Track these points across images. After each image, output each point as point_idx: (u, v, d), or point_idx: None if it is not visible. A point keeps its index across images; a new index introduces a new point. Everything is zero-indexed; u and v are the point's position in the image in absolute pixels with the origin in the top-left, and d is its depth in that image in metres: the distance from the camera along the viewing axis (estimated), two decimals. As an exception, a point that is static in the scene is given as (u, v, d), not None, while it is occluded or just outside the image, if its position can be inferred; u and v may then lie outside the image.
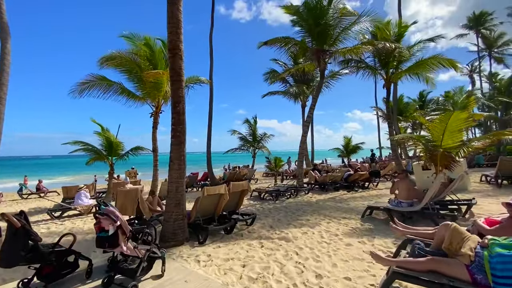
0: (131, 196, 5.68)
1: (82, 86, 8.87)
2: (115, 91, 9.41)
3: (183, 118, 5.03)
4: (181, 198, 4.91)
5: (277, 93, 19.56)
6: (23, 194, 14.71)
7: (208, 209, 5.39)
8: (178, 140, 4.94)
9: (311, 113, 10.56)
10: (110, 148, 11.25)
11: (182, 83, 5.05)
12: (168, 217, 4.79)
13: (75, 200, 8.73)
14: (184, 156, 5.03)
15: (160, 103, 9.81)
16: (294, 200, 8.92)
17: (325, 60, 10.29)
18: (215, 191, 5.14)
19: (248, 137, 20.27)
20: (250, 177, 16.21)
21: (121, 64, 8.67)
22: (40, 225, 7.23)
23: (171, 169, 4.93)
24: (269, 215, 6.74)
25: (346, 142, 20.78)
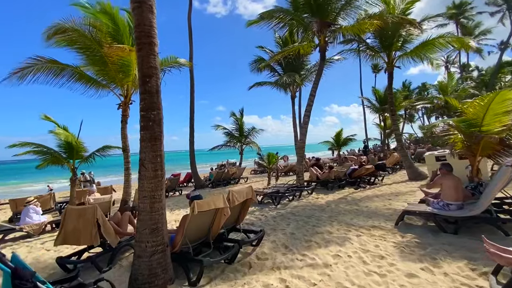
0: (87, 218, 3.94)
1: (24, 71, 6.80)
2: (69, 77, 7.40)
3: (158, 99, 3.38)
4: (159, 219, 3.28)
5: (265, 84, 18.00)
6: (-35, 209, 12.13)
7: (200, 230, 3.81)
8: (151, 132, 3.28)
9: (312, 101, 9.17)
10: (70, 149, 9.22)
11: (154, 48, 3.38)
12: (142, 251, 3.16)
13: (22, 217, 6.76)
14: (162, 157, 3.40)
15: (130, 92, 7.94)
16: (299, 203, 7.52)
17: (326, 39, 8.93)
18: (210, 206, 3.56)
19: (235, 132, 18.64)
20: (239, 176, 14.65)
21: (74, 40, 6.69)
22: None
23: (142, 177, 3.29)
24: (276, 228, 5.27)
25: (337, 134, 19.78)
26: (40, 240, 6.11)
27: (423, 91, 35.55)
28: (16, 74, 6.65)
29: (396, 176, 11.25)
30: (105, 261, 4.12)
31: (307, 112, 9.23)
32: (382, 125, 23.44)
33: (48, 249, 5.36)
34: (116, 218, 4.80)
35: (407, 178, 10.20)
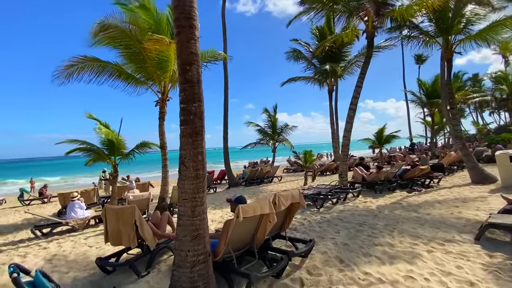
0: (125, 219, 3.74)
1: (69, 70, 7.01)
2: (110, 75, 7.51)
3: (199, 90, 2.99)
4: (201, 225, 2.91)
5: (299, 79, 17.22)
6: (24, 200, 13.35)
7: (244, 238, 3.38)
8: (192, 126, 2.91)
9: (358, 93, 8.29)
10: (111, 146, 9.50)
11: (195, 32, 3.00)
12: (182, 260, 2.81)
13: (68, 211, 7.00)
14: (204, 155, 3.01)
15: (167, 88, 7.84)
16: (344, 206, 6.79)
17: (374, 23, 7.97)
18: (255, 211, 3.10)
19: (267, 130, 18.16)
20: (273, 175, 14.15)
21: (115, 37, 6.70)
22: (20, 249, 5.51)
23: (182, 177, 2.93)
24: (325, 236, 4.66)
25: (379, 131, 18.26)
26: (83, 235, 6.23)
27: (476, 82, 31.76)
28: (63, 73, 6.88)
29: (455, 178, 9.84)
30: (143, 264, 3.91)
31: (352, 105, 8.37)
32: (429, 121, 21.27)
33: (90, 245, 5.38)
34: (155, 217, 4.60)
35: (470, 181, 8.82)
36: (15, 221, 8.91)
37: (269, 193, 10.19)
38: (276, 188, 11.39)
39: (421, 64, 33.69)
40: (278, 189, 11.19)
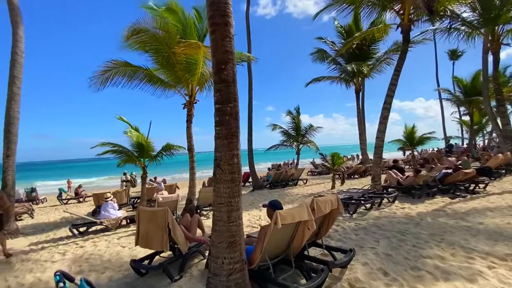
0: (158, 222, 3.71)
1: (103, 75, 7.31)
2: (141, 79, 7.73)
3: (235, 90, 2.88)
4: (237, 231, 2.77)
5: (324, 79, 16.73)
6: (62, 199, 14.23)
7: (280, 246, 3.19)
8: (227, 128, 2.80)
9: (392, 91, 7.77)
10: (141, 149, 9.80)
11: (230, 29, 2.89)
12: (218, 268, 2.69)
13: (101, 211, 7.25)
14: (239, 157, 2.88)
15: (195, 91, 7.90)
16: (380, 213, 6.35)
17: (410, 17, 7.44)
18: (293, 218, 2.90)
19: (291, 131, 17.84)
20: (298, 178, 13.81)
21: (146, 41, 6.88)
22: (59, 246, 5.77)
23: (218, 180, 2.82)
24: (363, 245, 4.33)
25: (409, 132, 17.19)
26: (116, 235, 6.40)
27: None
28: (99, 79, 7.18)
29: (505, 184, 8.88)
30: (175, 268, 3.85)
31: (386, 104, 7.87)
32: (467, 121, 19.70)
33: (123, 245, 5.49)
34: (185, 220, 4.56)
35: (523, 187, 7.92)
36: (55, 219, 9.46)
37: (295, 197, 9.91)
38: (302, 192, 11.06)
39: (455, 60, 31.46)
40: (304, 192, 10.86)
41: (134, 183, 15.82)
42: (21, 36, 7.12)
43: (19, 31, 7.08)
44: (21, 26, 7.15)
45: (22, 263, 4.85)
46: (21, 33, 7.12)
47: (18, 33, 7.06)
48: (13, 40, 7.03)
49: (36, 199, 14.78)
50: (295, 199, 9.31)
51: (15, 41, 7.02)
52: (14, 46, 7.01)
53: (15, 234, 6.85)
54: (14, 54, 7.00)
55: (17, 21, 7.10)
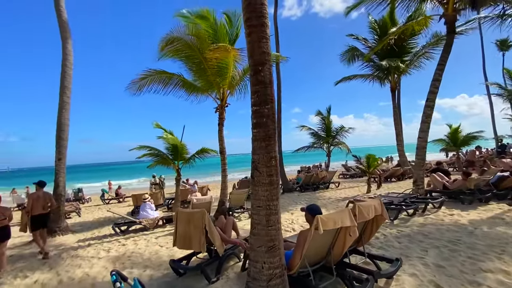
0: (196, 223, 3.78)
1: (140, 82, 7.73)
2: (175, 85, 8.05)
3: (271, 91, 2.83)
4: (276, 236, 2.70)
5: (355, 77, 16.06)
6: (105, 199, 15.32)
7: (319, 252, 3.06)
8: (265, 130, 2.75)
9: (436, 87, 7.16)
10: (175, 152, 10.21)
11: (266, 30, 2.85)
12: (257, 272, 2.64)
13: (140, 212, 7.63)
14: (277, 159, 2.82)
15: (226, 94, 8.03)
16: (425, 219, 5.85)
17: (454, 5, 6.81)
18: (335, 224, 2.75)
19: (321, 132, 17.37)
20: (329, 181, 13.37)
21: (180, 49, 7.16)
22: (104, 244, 6.17)
23: (256, 182, 2.78)
24: (409, 254, 4.00)
25: (453, 131, 15.78)
26: (154, 234, 6.67)
27: None
28: (136, 85, 7.62)
29: None
30: (211, 269, 3.88)
31: (429, 102, 7.27)
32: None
33: (161, 245, 5.70)
34: (220, 222, 4.60)
35: None
36: (98, 218, 10.19)
37: (328, 201, 9.57)
38: (335, 195, 10.67)
39: (506, 51, 28.33)
40: (337, 196, 10.46)
41: (162, 185, 16.52)
42: (70, 50, 7.82)
43: (68, 45, 7.78)
44: (70, 41, 7.85)
45: (71, 258, 5.24)
46: (70, 47, 7.81)
47: (67, 47, 7.76)
48: (63, 54, 7.74)
49: (82, 199, 16.10)
50: (328, 203, 8.99)
51: (64, 54, 7.72)
52: (64, 59, 7.71)
53: (65, 231, 7.47)
54: (64, 66, 7.70)
55: (66, 36, 7.81)
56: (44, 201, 5.80)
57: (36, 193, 5.86)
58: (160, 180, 16.50)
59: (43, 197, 5.81)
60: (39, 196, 5.79)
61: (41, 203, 5.74)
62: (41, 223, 5.79)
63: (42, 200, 5.77)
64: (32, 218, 5.68)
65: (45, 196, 5.87)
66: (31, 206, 5.66)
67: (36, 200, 5.72)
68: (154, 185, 16.10)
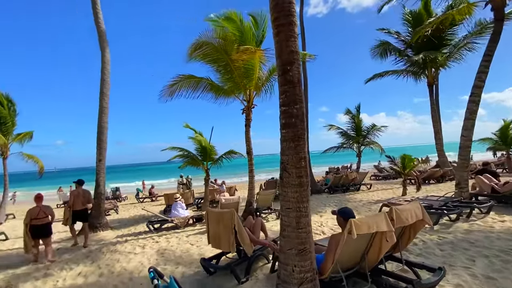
0: (225, 223, 3.83)
1: (171, 88, 8.07)
2: (204, 88, 8.28)
3: (300, 91, 2.77)
4: (307, 239, 2.63)
5: (387, 74, 15.23)
6: (139, 198, 16.23)
7: (353, 257, 2.92)
8: (294, 130, 2.70)
9: (482, 80, 6.50)
10: (204, 153, 10.50)
11: (294, 29, 2.80)
12: (288, 275, 2.59)
13: (172, 211, 7.95)
14: (306, 160, 2.75)
15: (252, 96, 8.07)
16: (470, 225, 5.34)
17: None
18: (370, 228, 2.61)
19: (350, 132, 16.74)
20: (360, 182, 12.81)
21: (208, 53, 7.35)
22: (139, 240, 6.52)
23: (285, 184, 2.74)
24: (453, 263, 3.67)
25: (503, 129, 14.28)
26: (185, 233, 6.90)
27: None
28: (168, 91, 7.96)
29: None
30: (240, 269, 3.90)
31: (474, 97, 6.62)
32: None
33: (192, 243, 5.87)
34: (249, 223, 4.61)
35: None
36: (134, 215, 10.81)
37: (359, 203, 9.17)
38: (366, 198, 10.20)
39: None
40: (369, 198, 9.99)
41: (189, 185, 17.09)
42: (108, 58, 8.41)
43: (106, 54, 8.37)
44: (107, 50, 8.45)
45: (111, 253, 5.61)
46: (108, 56, 8.40)
47: (105, 56, 8.36)
48: (101, 62, 8.35)
49: (119, 197, 17.21)
50: (359, 206, 8.62)
51: (103, 63, 8.32)
52: (103, 67, 8.31)
53: (105, 227, 8.02)
54: (103, 74, 8.29)
55: (104, 46, 8.41)
56: (83, 197, 6.40)
57: (76, 190, 6.47)
58: (188, 180, 17.14)
59: (82, 194, 6.41)
60: (79, 193, 6.39)
61: (80, 200, 6.34)
62: (82, 217, 6.39)
63: (81, 196, 6.37)
64: (73, 213, 6.28)
65: (84, 193, 6.46)
66: (72, 202, 6.27)
67: (76, 197, 6.32)
68: (182, 185, 16.76)
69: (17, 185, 29.37)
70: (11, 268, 4.95)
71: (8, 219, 11.37)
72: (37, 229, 5.29)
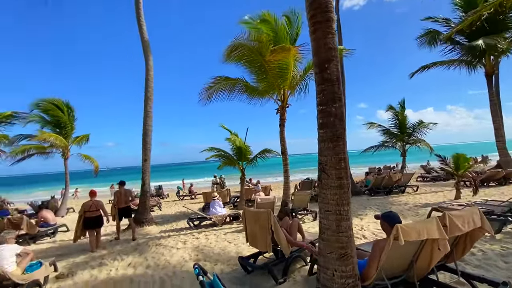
0: (262, 223, 3.86)
1: (209, 91, 8.37)
2: (239, 90, 8.44)
3: (339, 89, 2.66)
4: (348, 243, 2.52)
5: (435, 65, 13.86)
6: (180, 196, 17.16)
7: (399, 264, 2.72)
8: (332, 130, 2.61)
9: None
10: (240, 153, 10.73)
11: (332, 25, 2.70)
12: (328, 280, 2.51)
13: (210, 208, 8.26)
14: (346, 161, 2.64)
15: (286, 95, 8.01)
16: (543, 235, 4.62)
17: None
18: (420, 235, 2.40)
19: (393, 129, 15.62)
20: (405, 184, 11.88)
21: (243, 55, 7.48)
22: (181, 236, 6.90)
23: (324, 186, 2.65)
24: (522, 278, 3.21)
25: None
26: (223, 230, 7.12)
27: None
28: (205, 94, 8.29)
29: None
30: (277, 270, 3.89)
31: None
32: None
33: (229, 241, 6.03)
34: (285, 223, 4.58)
35: None
36: (175, 212, 11.46)
37: (404, 207, 8.51)
38: (413, 201, 9.42)
39: None
40: (415, 201, 9.22)
41: (222, 185, 17.57)
42: (151, 65, 9.03)
43: (149, 61, 9.01)
44: (150, 57, 9.08)
45: (156, 247, 6.02)
46: (151, 63, 9.03)
47: (149, 63, 8.99)
48: (146, 70, 9.00)
49: (162, 195, 18.38)
50: (404, 210, 8.01)
51: (147, 70, 8.97)
52: (147, 74, 8.96)
53: (150, 222, 8.63)
54: (147, 80, 8.94)
55: (148, 54, 9.05)
56: (125, 196, 7.07)
57: (119, 190, 7.16)
58: (221, 179, 17.70)
59: (124, 193, 7.07)
60: (121, 192, 7.06)
61: (123, 198, 7.01)
62: (126, 214, 7.05)
63: (123, 195, 7.04)
64: (119, 210, 6.95)
65: (125, 192, 7.13)
66: (117, 201, 6.96)
67: (119, 196, 7.00)
68: (216, 184, 17.36)
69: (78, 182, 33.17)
70: (72, 257, 5.62)
71: (69, 213, 12.88)
72: (89, 221, 6.07)
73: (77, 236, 6.12)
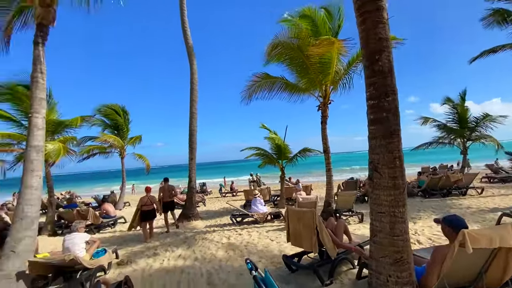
0: (306, 222, 3.79)
1: (250, 90, 8.50)
2: (279, 88, 8.41)
3: (392, 81, 2.48)
4: (404, 247, 2.33)
5: (503, 48, 11.96)
6: (222, 193, 17.83)
7: (466, 274, 2.43)
8: (385, 126, 2.43)
9: None
10: (279, 151, 10.71)
11: (383, 14, 2.52)
12: (381, 285, 2.37)
13: (252, 206, 8.40)
14: (402, 159, 2.44)
15: (328, 91, 7.72)
16: None
17: None
18: (491, 243, 2.11)
19: (451, 124, 13.96)
20: (466, 185, 10.54)
21: (283, 53, 7.43)
22: (225, 231, 7.17)
23: (376, 185, 2.50)
24: None
25: None
26: (264, 228, 7.18)
27: None
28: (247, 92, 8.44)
29: None
30: (323, 271, 3.78)
31: None
32: None
33: (272, 239, 6.06)
34: (330, 225, 4.43)
35: None
36: (218, 208, 11.93)
37: (465, 211, 7.57)
38: (477, 204, 8.33)
39: None
40: (480, 205, 8.13)
41: (259, 182, 17.67)
42: (195, 69, 9.52)
43: (194, 66, 9.50)
44: (195, 61, 9.57)
45: (202, 240, 6.34)
46: (195, 67, 9.52)
47: (193, 67, 9.49)
48: (190, 73, 9.51)
49: (206, 191, 19.30)
50: (466, 214, 7.13)
51: (191, 74, 9.47)
52: (192, 77, 9.46)
53: (196, 217, 9.12)
54: (192, 83, 9.45)
55: (192, 59, 9.56)
56: (169, 191, 7.80)
57: (164, 186, 7.91)
58: (257, 177, 17.88)
59: (167, 189, 7.80)
60: (165, 188, 7.79)
61: (167, 193, 7.73)
62: (169, 207, 7.79)
63: (167, 191, 7.75)
64: (163, 204, 7.64)
65: (169, 188, 7.87)
66: (161, 195, 7.68)
67: (164, 191, 7.72)
68: (252, 182, 17.58)
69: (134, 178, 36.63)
70: (129, 246, 6.23)
71: (126, 206, 14.31)
72: (145, 213, 6.84)
73: (132, 226, 6.96)
